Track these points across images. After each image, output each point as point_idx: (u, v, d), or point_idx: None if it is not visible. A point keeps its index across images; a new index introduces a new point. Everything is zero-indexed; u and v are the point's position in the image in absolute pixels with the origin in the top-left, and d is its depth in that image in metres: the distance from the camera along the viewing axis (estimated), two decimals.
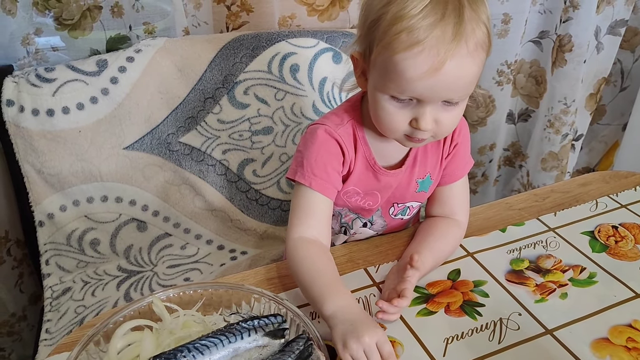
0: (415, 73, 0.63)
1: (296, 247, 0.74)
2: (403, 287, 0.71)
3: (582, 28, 1.42)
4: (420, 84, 0.63)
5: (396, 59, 0.63)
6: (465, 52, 0.62)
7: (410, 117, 0.68)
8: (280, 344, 0.62)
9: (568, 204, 0.97)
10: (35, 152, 1.07)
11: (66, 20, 1.10)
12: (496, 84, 1.51)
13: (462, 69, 0.63)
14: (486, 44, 0.65)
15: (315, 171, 0.75)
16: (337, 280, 0.70)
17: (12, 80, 1.05)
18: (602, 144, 1.83)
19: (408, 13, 0.61)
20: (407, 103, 0.67)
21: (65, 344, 0.68)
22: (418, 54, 0.62)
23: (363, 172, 0.79)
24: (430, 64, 0.62)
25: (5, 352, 1.29)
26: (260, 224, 1.27)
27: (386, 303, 0.69)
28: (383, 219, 0.87)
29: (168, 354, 0.57)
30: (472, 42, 0.63)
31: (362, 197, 0.82)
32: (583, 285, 0.78)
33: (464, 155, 0.85)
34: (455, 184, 0.86)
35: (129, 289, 1.11)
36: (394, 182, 0.81)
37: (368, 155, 0.78)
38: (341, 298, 0.67)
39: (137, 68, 1.12)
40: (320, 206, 0.76)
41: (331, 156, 0.76)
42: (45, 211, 1.10)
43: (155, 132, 1.16)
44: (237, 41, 1.20)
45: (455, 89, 0.65)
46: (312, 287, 0.69)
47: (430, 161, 0.82)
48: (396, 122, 0.69)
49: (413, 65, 0.62)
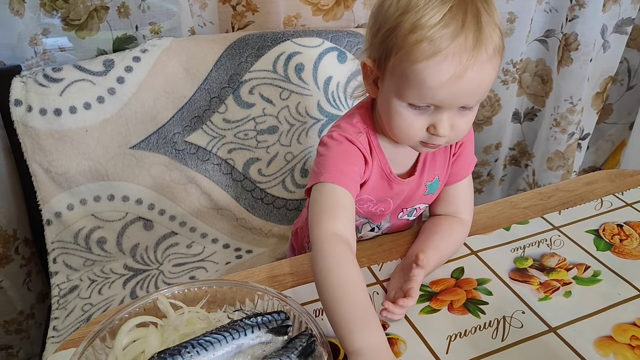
0: (438, 81, 0.63)
1: (327, 245, 0.66)
2: (409, 287, 0.71)
3: (588, 27, 1.41)
4: (442, 91, 0.63)
5: (418, 67, 0.63)
6: (485, 58, 0.62)
7: (428, 123, 0.68)
8: (283, 341, 0.62)
9: (573, 202, 0.96)
10: (43, 151, 1.08)
11: (73, 21, 1.11)
12: (502, 83, 1.51)
13: (482, 74, 0.63)
14: (502, 47, 0.66)
15: (341, 168, 0.72)
16: (371, 308, 0.63)
17: (20, 80, 1.06)
18: (609, 143, 1.82)
19: (428, 22, 0.61)
20: (425, 110, 0.67)
21: (72, 340, 0.69)
22: (440, 62, 0.62)
23: (378, 181, 0.79)
24: (453, 72, 0.62)
25: (13, 349, 1.31)
26: (265, 223, 1.28)
27: (392, 304, 0.69)
28: (390, 222, 0.88)
29: (173, 350, 0.58)
30: (491, 47, 0.63)
31: (374, 204, 0.82)
32: (587, 284, 0.78)
33: (468, 154, 0.85)
34: (460, 183, 0.86)
35: (135, 287, 1.12)
36: (407, 189, 0.81)
37: (383, 163, 0.78)
38: (373, 334, 0.61)
39: (144, 68, 1.13)
40: (348, 204, 0.71)
41: (356, 161, 0.75)
42: (53, 210, 1.12)
43: (161, 131, 1.17)
44: (243, 41, 1.20)
45: (475, 95, 0.65)
46: (343, 309, 0.62)
47: (438, 164, 0.83)
48: (414, 128, 0.69)
49: (436, 74, 0.62)
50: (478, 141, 1.61)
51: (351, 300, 0.62)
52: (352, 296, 0.63)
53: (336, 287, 0.63)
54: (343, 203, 0.71)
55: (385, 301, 0.70)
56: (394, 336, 0.69)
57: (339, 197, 0.71)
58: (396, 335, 0.69)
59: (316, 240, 0.67)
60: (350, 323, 0.61)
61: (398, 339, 0.69)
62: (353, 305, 0.62)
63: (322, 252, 0.65)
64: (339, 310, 0.62)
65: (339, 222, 0.68)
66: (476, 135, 1.60)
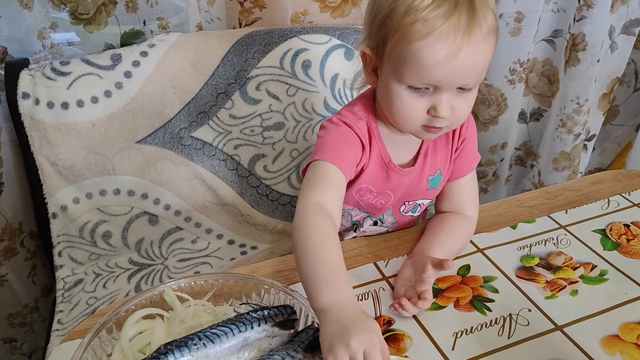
0: (434, 60, 0.64)
1: (309, 212, 0.67)
2: (424, 289, 0.71)
3: (596, 27, 1.40)
4: (439, 70, 0.65)
5: (414, 48, 0.64)
6: (479, 37, 0.64)
7: (428, 105, 0.69)
8: (289, 335, 0.62)
9: (579, 202, 0.96)
10: (50, 144, 1.08)
11: (81, 15, 1.11)
12: (508, 82, 1.50)
13: (477, 53, 0.65)
14: (496, 28, 0.67)
15: (337, 148, 0.74)
16: (342, 268, 0.63)
17: (28, 74, 1.06)
18: (615, 145, 1.82)
19: (421, 4, 0.63)
20: (424, 92, 0.68)
21: (78, 331, 0.69)
22: (435, 41, 0.63)
23: (377, 170, 0.79)
24: (448, 51, 0.63)
25: (17, 342, 1.31)
26: (270, 220, 1.27)
27: (408, 302, 0.69)
28: (393, 217, 0.88)
29: (179, 342, 0.58)
30: (485, 27, 0.64)
31: (374, 196, 0.82)
32: (594, 283, 0.78)
33: (471, 150, 0.85)
34: (463, 179, 0.86)
35: (140, 281, 1.12)
36: (407, 180, 0.81)
37: (383, 153, 0.78)
38: (340, 291, 0.60)
39: (151, 63, 1.13)
40: (339, 181, 0.72)
41: (353, 145, 0.76)
42: (59, 203, 1.12)
43: (167, 126, 1.17)
44: (250, 37, 1.20)
45: (471, 74, 0.66)
46: (313, 267, 0.62)
47: (440, 158, 0.83)
48: (415, 112, 0.70)
49: (432, 53, 0.64)
50: (484, 141, 1.60)
51: (322, 259, 0.62)
52: (325, 255, 0.63)
53: (310, 248, 0.64)
54: (333, 180, 0.72)
55: (403, 299, 0.70)
56: (400, 332, 0.69)
57: (330, 174, 0.72)
58: (402, 331, 0.69)
59: (300, 209, 0.68)
60: (319, 281, 0.61)
61: (404, 335, 0.69)
62: (324, 263, 0.62)
63: (304, 218, 0.67)
64: (309, 267, 0.62)
65: (325, 195, 0.70)
66: (482, 134, 1.59)
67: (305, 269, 0.63)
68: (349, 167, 0.75)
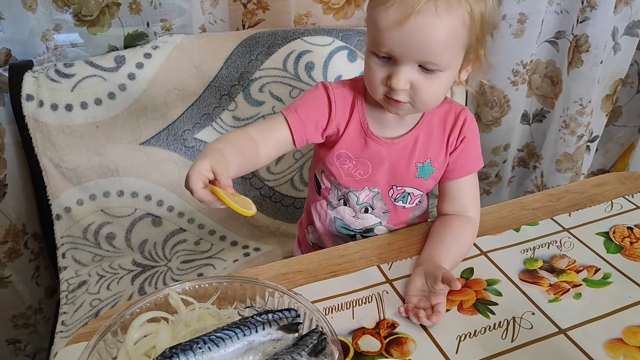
0: (384, 24, 0.68)
1: (239, 131, 0.78)
2: (438, 302, 0.71)
3: (599, 28, 1.40)
4: (389, 36, 0.68)
5: (374, 11, 0.70)
6: (432, 12, 0.66)
7: (387, 74, 0.72)
8: (294, 338, 0.62)
9: (583, 204, 0.96)
10: (54, 146, 1.08)
11: (85, 17, 1.11)
12: (511, 84, 1.50)
13: (427, 27, 0.67)
14: (463, 17, 0.68)
15: (298, 110, 0.80)
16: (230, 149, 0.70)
17: (32, 76, 1.07)
18: (618, 146, 1.81)
19: None
20: (386, 62, 0.72)
21: (82, 334, 0.69)
22: (390, 6, 0.67)
23: (355, 138, 0.83)
24: (397, 17, 0.67)
25: (21, 343, 1.31)
26: (273, 221, 1.28)
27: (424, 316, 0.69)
28: (383, 202, 0.88)
29: (184, 345, 0.58)
30: (442, 5, 0.66)
31: (354, 165, 0.84)
32: (597, 286, 0.78)
33: (473, 151, 0.86)
34: (463, 179, 0.86)
35: (144, 283, 1.13)
36: (386, 153, 0.83)
37: (363, 121, 0.82)
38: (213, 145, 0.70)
39: (154, 64, 1.14)
40: (280, 132, 0.79)
41: (318, 108, 0.81)
42: (63, 205, 1.12)
43: (171, 128, 1.17)
44: (253, 39, 1.20)
45: (425, 50, 0.68)
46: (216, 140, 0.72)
47: (433, 147, 0.84)
48: (374, 78, 0.74)
49: (384, 17, 0.68)
50: (486, 142, 1.60)
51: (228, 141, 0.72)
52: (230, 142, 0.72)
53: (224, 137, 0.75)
54: (275, 126, 0.79)
55: (421, 310, 0.70)
56: (403, 335, 0.69)
57: (276, 123, 0.79)
58: (406, 334, 0.69)
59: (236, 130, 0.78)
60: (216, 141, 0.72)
61: (408, 339, 0.69)
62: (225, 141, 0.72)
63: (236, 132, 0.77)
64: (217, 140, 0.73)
65: (258, 131, 0.77)
66: (485, 135, 1.59)
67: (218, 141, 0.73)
68: (305, 129, 0.80)
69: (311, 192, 0.96)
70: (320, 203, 0.92)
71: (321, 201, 0.92)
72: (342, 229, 0.92)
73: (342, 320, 0.71)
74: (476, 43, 0.73)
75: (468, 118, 0.84)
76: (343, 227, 0.92)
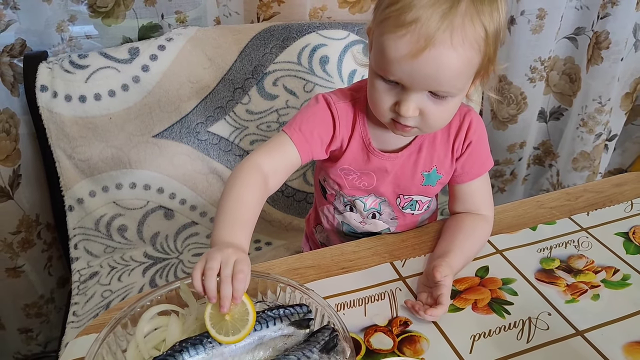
0: (395, 55, 0.63)
1: (246, 168, 0.72)
2: (439, 293, 0.70)
3: (620, 25, 1.38)
4: (399, 67, 0.64)
5: (383, 38, 0.64)
6: (448, 44, 0.61)
7: (395, 100, 0.69)
8: (305, 334, 0.61)
9: (602, 204, 0.94)
10: (67, 137, 1.08)
11: (100, 8, 1.11)
12: (529, 80, 1.48)
13: (441, 60, 0.62)
14: (479, 44, 0.64)
15: (302, 128, 0.76)
16: (248, 223, 0.68)
17: (47, 66, 1.07)
18: (637, 145, 1.78)
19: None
20: (394, 86, 0.68)
21: (92, 325, 0.69)
22: (402, 36, 0.62)
23: (358, 153, 0.80)
24: (410, 49, 0.62)
25: (33, 332, 1.32)
26: (285, 216, 1.27)
27: (422, 310, 0.69)
28: (390, 209, 0.86)
29: (194, 339, 0.57)
30: (459, 36, 0.61)
31: (358, 177, 0.82)
32: (616, 287, 0.76)
33: (481, 154, 0.83)
34: (474, 182, 0.84)
35: (155, 275, 1.12)
36: (390, 166, 0.80)
37: (364, 135, 0.79)
38: (235, 236, 0.65)
39: (168, 57, 1.13)
40: (288, 155, 0.75)
41: (322, 124, 0.78)
42: (75, 196, 1.12)
43: (184, 121, 1.16)
44: (268, 32, 1.19)
45: (437, 80, 0.64)
46: (226, 212, 0.68)
47: (437, 154, 0.81)
48: (383, 102, 0.70)
49: (394, 47, 0.63)
50: (502, 139, 1.58)
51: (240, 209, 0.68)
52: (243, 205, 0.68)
53: (236, 194, 0.69)
54: (283, 151, 0.75)
55: (417, 303, 0.70)
56: (416, 334, 0.68)
57: (284, 146, 0.75)
58: (419, 333, 0.68)
59: (242, 162, 0.73)
60: (224, 219, 0.67)
61: (421, 337, 0.68)
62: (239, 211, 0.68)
63: (239, 170, 0.71)
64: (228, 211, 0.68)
65: (268, 160, 0.73)
66: (500, 133, 1.57)
67: (220, 206, 0.68)
68: (311, 147, 0.77)
69: (317, 196, 0.94)
70: (327, 207, 0.91)
71: (328, 205, 0.91)
72: (350, 232, 0.91)
73: (354, 317, 0.70)
74: (487, 62, 0.68)
75: (473, 121, 0.80)
76: (351, 231, 0.91)
